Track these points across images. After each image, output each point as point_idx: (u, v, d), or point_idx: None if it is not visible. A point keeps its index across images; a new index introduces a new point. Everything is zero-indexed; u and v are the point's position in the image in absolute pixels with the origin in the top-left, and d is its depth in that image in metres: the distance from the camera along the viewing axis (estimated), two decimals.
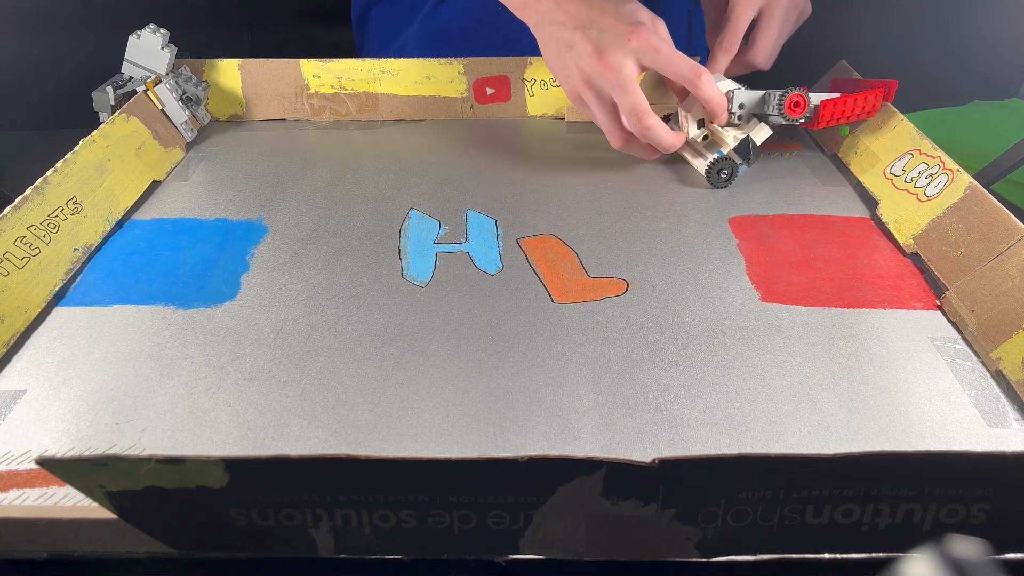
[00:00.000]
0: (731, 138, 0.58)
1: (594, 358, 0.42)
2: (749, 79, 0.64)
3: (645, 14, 0.52)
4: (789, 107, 0.58)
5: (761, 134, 0.59)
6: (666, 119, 0.59)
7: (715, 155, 0.58)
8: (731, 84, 0.59)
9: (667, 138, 0.54)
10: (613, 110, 0.54)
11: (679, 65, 0.52)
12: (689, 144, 0.61)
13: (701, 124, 0.59)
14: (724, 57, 0.61)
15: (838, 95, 0.59)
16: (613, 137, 0.56)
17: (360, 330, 0.44)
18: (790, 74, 0.68)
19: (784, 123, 0.58)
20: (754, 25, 0.60)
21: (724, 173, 0.58)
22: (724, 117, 0.56)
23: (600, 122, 0.55)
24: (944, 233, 0.49)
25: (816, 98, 0.58)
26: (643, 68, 0.52)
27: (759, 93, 0.60)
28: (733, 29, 0.60)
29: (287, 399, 0.39)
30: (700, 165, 0.59)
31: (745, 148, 0.58)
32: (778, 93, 0.58)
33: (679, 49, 0.54)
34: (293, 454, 0.26)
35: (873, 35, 1.15)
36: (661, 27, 0.52)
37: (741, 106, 0.61)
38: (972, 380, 0.40)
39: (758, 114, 0.60)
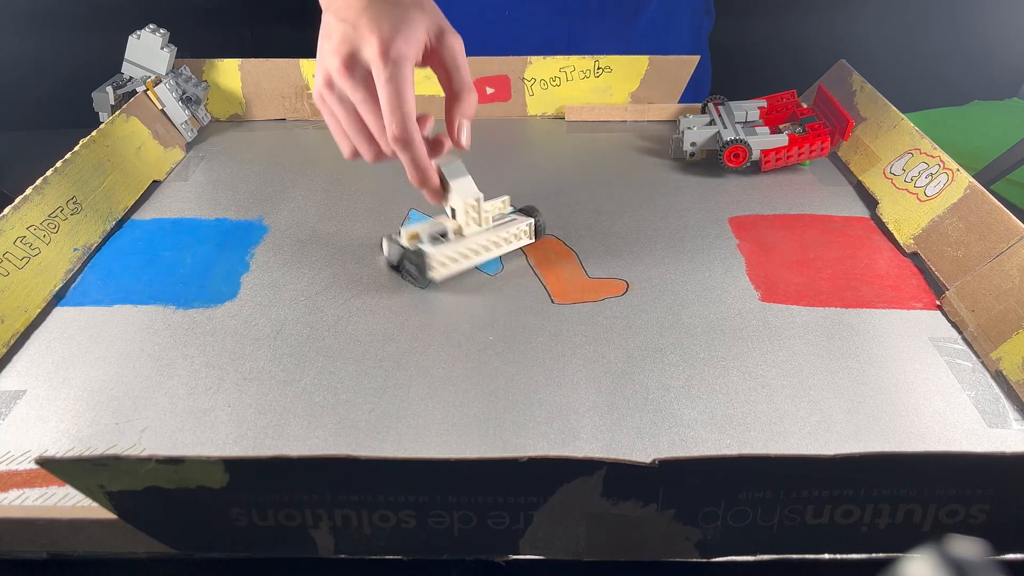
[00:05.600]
0: (426, 236, 0.49)
1: (594, 358, 0.42)
2: (737, 82, 0.64)
3: (416, 16, 0.42)
4: (729, 158, 0.60)
5: (434, 256, 0.47)
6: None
7: (415, 246, 0.48)
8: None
9: (425, 163, 0.44)
10: (353, 114, 0.43)
11: (401, 97, 0.41)
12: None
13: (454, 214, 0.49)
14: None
15: (786, 140, 0.60)
16: (363, 148, 0.44)
17: (360, 330, 0.44)
18: (790, 74, 0.68)
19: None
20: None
21: (411, 270, 0.48)
22: (431, 187, 0.46)
23: (345, 126, 0.44)
24: (944, 233, 0.49)
25: (758, 145, 0.60)
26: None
27: (712, 131, 0.61)
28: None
29: (287, 399, 0.39)
30: (392, 252, 0.49)
31: (420, 262, 0.47)
32: (722, 140, 0.60)
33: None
34: (293, 454, 0.26)
35: (873, 35, 1.15)
36: (401, 62, 0.41)
37: (693, 144, 0.62)
38: (972, 380, 0.40)
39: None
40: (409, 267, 0.48)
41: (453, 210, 0.48)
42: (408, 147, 0.43)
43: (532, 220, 0.51)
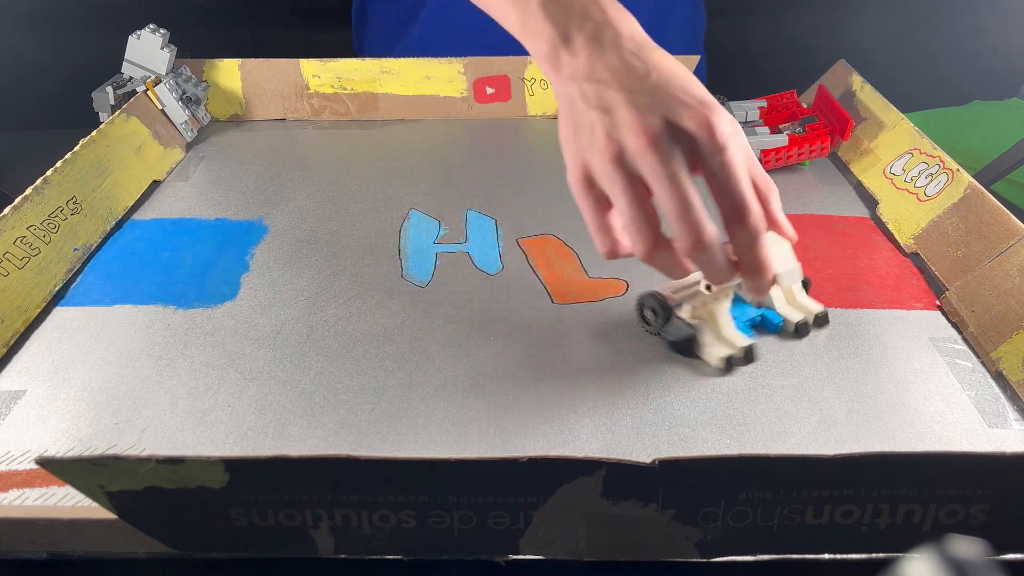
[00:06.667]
0: (690, 311, 0.42)
1: (594, 358, 0.42)
2: (736, 82, 0.64)
3: (704, 92, 0.36)
4: None
5: (709, 347, 0.41)
6: None
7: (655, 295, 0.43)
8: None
9: (723, 263, 0.36)
10: (644, 202, 0.35)
11: (743, 178, 0.34)
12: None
13: None
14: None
15: (786, 140, 0.60)
16: (639, 239, 0.35)
17: (360, 330, 0.44)
18: (790, 74, 0.68)
19: None
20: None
21: (647, 312, 0.43)
22: (762, 292, 0.38)
23: (623, 213, 0.35)
24: (944, 233, 0.49)
25: (758, 145, 0.59)
26: (695, 166, 0.35)
27: None
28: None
29: (287, 399, 0.39)
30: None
31: (685, 339, 0.42)
32: None
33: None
34: (293, 454, 0.26)
35: (873, 35, 1.15)
36: (739, 128, 0.36)
37: None
38: (972, 380, 0.40)
39: None
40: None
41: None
42: (758, 235, 0.35)
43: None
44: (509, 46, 0.71)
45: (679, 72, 0.36)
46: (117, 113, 0.59)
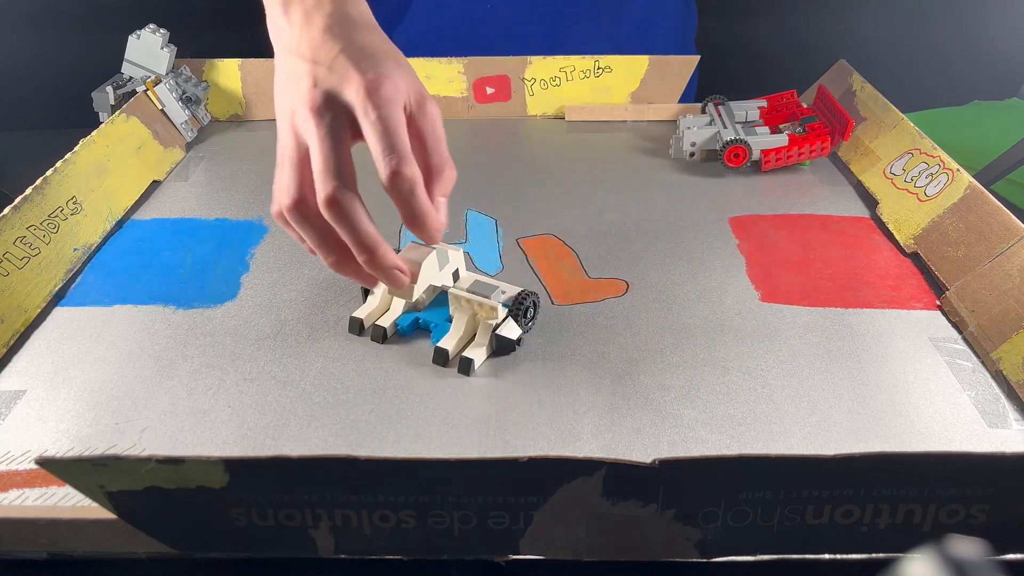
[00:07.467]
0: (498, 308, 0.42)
1: (594, 359, 0.42)
2: (736, 82, 0.64)
3: (397, 69, 0.39)
4: (729, 158, 0.60)
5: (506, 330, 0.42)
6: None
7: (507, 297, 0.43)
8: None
9: (371, 234, 0.39)
10: (306, 173, 0.39)
11: (393, 132, 0.37)
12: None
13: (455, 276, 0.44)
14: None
15: (786, 140, 0.60)
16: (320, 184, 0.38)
17: None
18: (790, 73, 0.68)
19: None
20: None
21: (531, 311, 0.44)
22: (434, 228, 0.39)
23: (279, 183, 0.40)
24: (944, 233, 0.49)
25: (758, 145, 0.60)
26: (355, 134, 0.38)
27: (712, 131, 0.61)
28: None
29: (287, 399, 0.39)
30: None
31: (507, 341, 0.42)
32: (722, 140, 0.60)
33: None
34: (293, 454, 0.26)
35: (873, 35, 1.15)
36: (402, 93, 0.38)
37: (693, 144, 0.62)
38: (972, 380, 0.40)
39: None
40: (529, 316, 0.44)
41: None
42: (414, 185, 0.37)
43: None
44: (494, 47, 0.71)
45: (378, 49, 0.39)
46: (117, 113, 0.59)
